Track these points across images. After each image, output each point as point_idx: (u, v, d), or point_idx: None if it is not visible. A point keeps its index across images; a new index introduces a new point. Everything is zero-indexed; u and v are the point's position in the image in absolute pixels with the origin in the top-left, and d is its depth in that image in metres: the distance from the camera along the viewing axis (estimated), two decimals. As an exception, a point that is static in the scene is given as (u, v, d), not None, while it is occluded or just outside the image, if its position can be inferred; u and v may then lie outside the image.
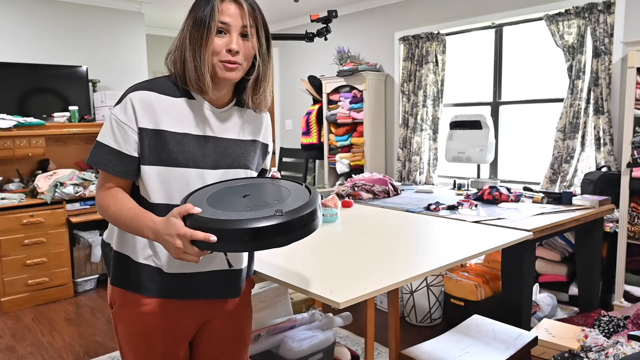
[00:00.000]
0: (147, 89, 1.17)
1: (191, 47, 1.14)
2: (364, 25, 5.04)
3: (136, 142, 1.16)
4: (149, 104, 1.15)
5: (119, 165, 1.16)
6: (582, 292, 2.97)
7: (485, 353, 1.83)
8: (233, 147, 1.26)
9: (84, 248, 3.91)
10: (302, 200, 1.07)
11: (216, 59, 1.14)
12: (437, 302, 3.16)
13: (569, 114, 3.51)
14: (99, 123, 4.16)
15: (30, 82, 4.08)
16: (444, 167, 4.53)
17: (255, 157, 1.32)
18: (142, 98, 1.15)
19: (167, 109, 1.17)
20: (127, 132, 1.15)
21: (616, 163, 3.32)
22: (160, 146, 1.16)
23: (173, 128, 1.17)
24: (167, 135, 1.16)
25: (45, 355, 2.86)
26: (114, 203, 1.15)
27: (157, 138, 1.15)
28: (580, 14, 3.41)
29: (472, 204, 2.76)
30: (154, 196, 1.17)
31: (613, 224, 3.12)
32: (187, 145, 1.18)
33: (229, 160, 1.25)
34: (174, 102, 1.18)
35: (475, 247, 1.75)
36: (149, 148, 1.15)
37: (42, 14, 4.25)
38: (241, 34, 1.15)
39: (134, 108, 1.14)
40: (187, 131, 1.19)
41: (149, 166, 1.16)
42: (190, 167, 1.18)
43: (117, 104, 1.18)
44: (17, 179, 3.95)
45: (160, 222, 1.05)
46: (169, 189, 1.18)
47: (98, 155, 1.17)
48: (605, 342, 2.30)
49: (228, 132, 1.25)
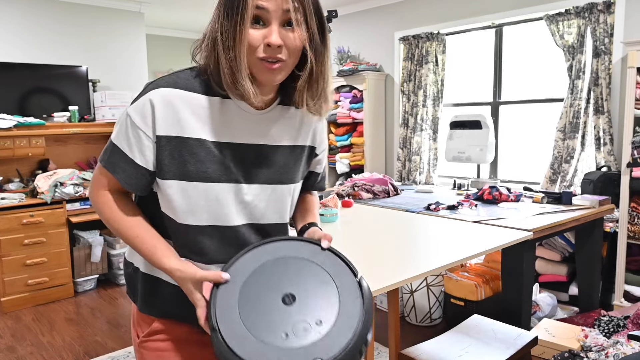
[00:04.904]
0: (173, 85, 0.94)
1: (223, 43, 0.90)
2: (364, 25, 5.04)
3: (152, 153, 0.95)
4: (173, 105, 0.93)
5: (131, 178, 0.96)
6: (582, 292, 2.97)
7: (485, 353, 1.83)
8: (275, 156, 1.04)
9: (84, 248, 3.91)
10: (350, 330, 0.85)
11: (253, 57, 0.90)
12: (437, 302, 3.16)
13: (569, 114, 3.51)
14: (99, 123, 4.16)
15: (30, 82, 4.08)
16: (444, 167, 4.53)
17: (301, 164, 1.11)
18: (165, 97, 0.93)
19: (196, 110, 0.95)
20: (142, 140, 0.94)
21: (616, 163, 3.31)
22: (185, 157, 0.94)
23: (202, 134, 0.95)
24: (194, 144, 0.95)
25: (45, 355, 2.86)
26: (122, 221, 0.99)
27: (182, 147, 0.94)
28: (580, 14, 3.41)
29: (472, 204, 2.76)
30: (180, 216, 0.97)
31: (613, 224, 3.12)
32: (219, 155, 0.97)
33: (269, 174, 1.03)
34: (204, 103, 0.96)
35: (475, 247, 1.75)
36: (170, 159, 0.94)
37: (42, 14, 4.25)
38: (284, 23, 0.90)
39: (153, 110, 0.93)
40: (220, 138, 0.97)
41: (171, 181, 0.95)
42: (222, 182, 0.97)
43: (134, 100, 0.97)
44: (17, 178, 3.95)
45: (181, 279, 0.92)
46: (196, 208, 0.97)
47: (114, 160, 0.97)
48: (605, 342, 2.30)
49: (270, 138, 1.03)
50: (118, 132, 0.97)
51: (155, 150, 0.95)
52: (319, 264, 0.93)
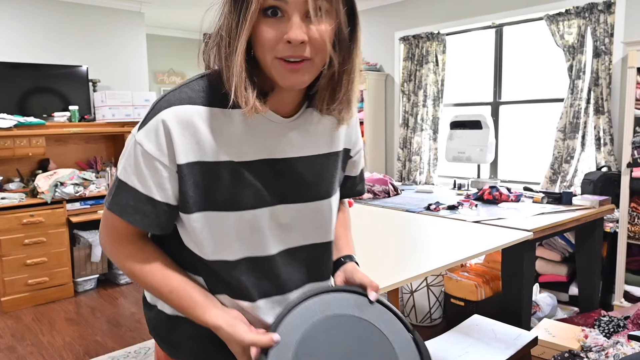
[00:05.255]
0: (188, 101, 0.79)
1: (221, 38, 0.77)
2: (364, 26, 4.98)
3: (174, 185, 0.81)
4: (191, 126, 0.78)
5: (149, 218, 0.82)
6: (582, 292, 2.97)
7: (485, 353, 1.83)
8: (311, 169, 0.90)
9: (84, 248, 3.91)
10: None
11: (270, 56, 0.75)
12: (437, 302, 3.16)
13: (569, 114, 3.51)
14: (99, 123, 4.16)
15: (30, 82, 4.08)
16: (444, 167, 4.53)
17: (337, 172, 0.96)
18: (180, 117, 0.78)
19: (217, 128, 0.80)
20: (160, 171, 0.79)
21: (616, 163, 3.31)
22: (210, 184, 0.81)
23: (227, 156, 0.81)
24: (220, 168, 0.81)
25: (45, 355, 2.86)
26: (151, 275, 0.85)
27: (206, 173, 0.81)
28: (581, 14, 3.41)
29: (472, 204, 2.76)
30: (208, 252, 0.84)
31: (613, 224, 3.12)
32: (249, 177, 0.83)
33: (306, 190, 0.90)
34: (225, 117, 0.81)
35: (475, 247, 1.75)
36: (194, 189, 0.81)
37: (42, 14, 4.25)
38: (307, 13, 0.74)
39: (170, 134, 0.78)
40: (247, 157, 0.83)
41: (196, 214, 0.82)
42: (255, 208, 0.84)
43: (142, 124, 0.81)
44: (17, 178, 3.95)
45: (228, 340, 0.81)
46: (227, 242, 0.84)
47: (122, 200, 0.82)
48: (605, 342, 2.30)
49: (302, 149, 0.89)
50: (125, 167, 0.82)
51: (177, 182, 0.81)
52: (371, 322, 0.86)
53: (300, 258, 0.92)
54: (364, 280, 0.91)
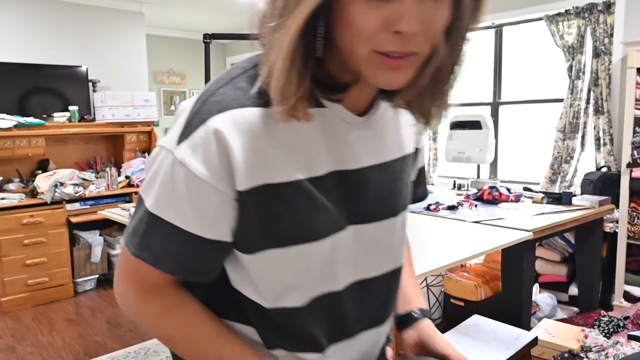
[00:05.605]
0: (244, 102, 0.59)
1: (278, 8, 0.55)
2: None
3: (231, 217, 0.61)
4: (253, 137, 0.58)
5: (195, 264, 0.63)
6: (582, 292, 2.97)
7: (485, 353, 1.83)
8: (384, 179, 0.71)
9: (84, 248, 3.91)
10: None
11: (365, 49, 0.55)
12: (437, 302, 3.16)
13: (569, 114, 3.51)
14: (99, 123, 4.15)
15: (30, 82, 4.08)
16: (444, 167, 4.53)
17: (409, 178, 0.79)
18: (239, 126, 0.58)
19: (280, 137, 0.60)
20: (213, 200, 0.59)
21: (616, 163, 3.31)
22: (278, 213, 0.61)
23: (296, 173, 0.61)
24: (289, 190, 0.61)
25: (45, 355, 2.86)
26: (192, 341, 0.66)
27: (273, 199, 0.61)
28: (580, 14, 3.41)
29: (472, 204, 2.76)
30: (270, 298, 0.65)
31: (613, 224, 3.12)
32: (321, 197, 0.64)
33: (378, 205, 0.71)
34: (293, 122, 0.59)
35: (475, 248, 1.75)
36: (258, 221, 0.61)
37: (42, 14, 4.25)
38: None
39: (227, 149, 0.57)
40: (318, 171, 0.63)
41: (260, 253, 0.63)
42: (329, 235, 0.65)
43: (183, 133, 0.59)
44: (17, 179, 3.95)
45: None
46: (295, 283, 0.65)
47: (156, 243, 0.61)
48: (605, 342, 2.31)
49: (379, 154, 0.70)
50: (160, 196, 0.59)
51: (236, 213, 0.61)
52: None
53: (372, 291, 0.74)
54: (449, 351, 0.76)
